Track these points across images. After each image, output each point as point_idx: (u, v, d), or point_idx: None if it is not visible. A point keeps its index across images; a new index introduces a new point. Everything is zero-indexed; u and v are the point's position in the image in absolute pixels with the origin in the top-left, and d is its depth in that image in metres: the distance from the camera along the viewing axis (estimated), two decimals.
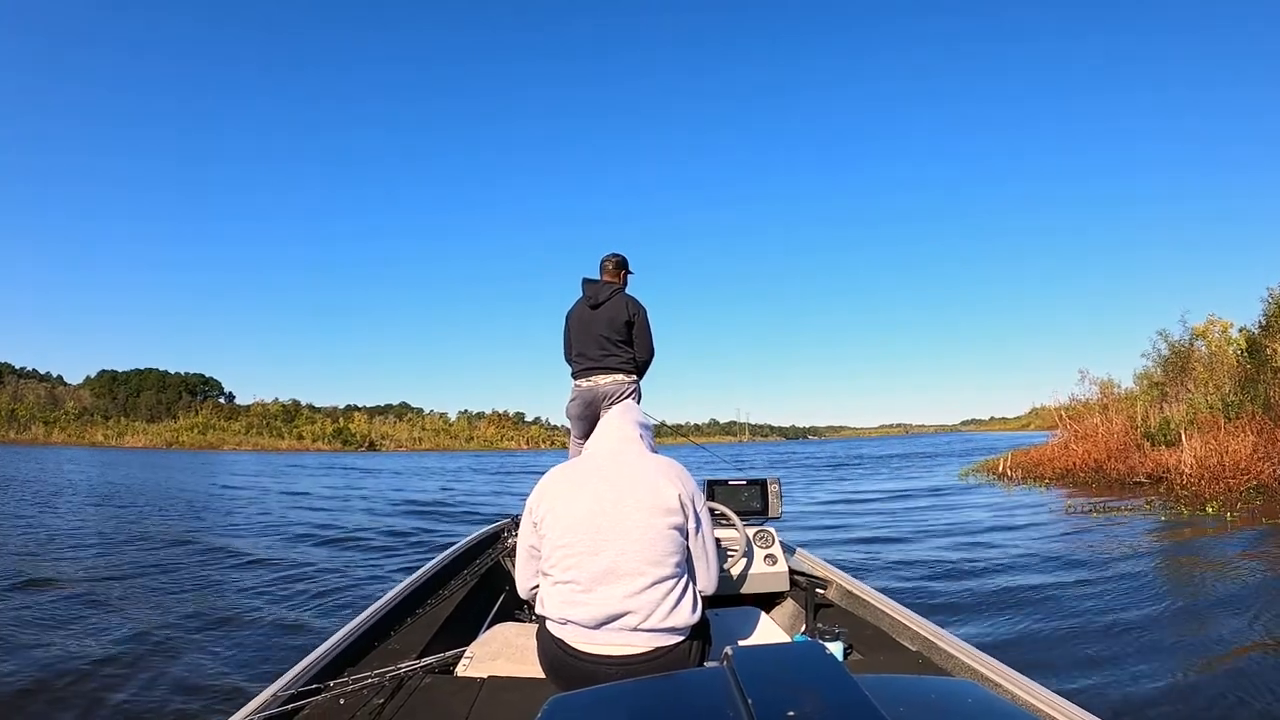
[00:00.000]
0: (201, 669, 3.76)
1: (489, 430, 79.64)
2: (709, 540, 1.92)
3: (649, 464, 1.89)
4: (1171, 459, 11.00)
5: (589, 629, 1.75)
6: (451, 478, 22.97)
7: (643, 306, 3.94)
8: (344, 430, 66.88)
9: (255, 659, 3.93)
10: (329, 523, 10.00)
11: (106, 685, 3.49)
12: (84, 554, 7.09)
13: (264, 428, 66.21)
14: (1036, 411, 64.16)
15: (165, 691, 3.46)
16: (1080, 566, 5.93)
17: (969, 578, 5.70)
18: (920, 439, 72.93)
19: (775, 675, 0.83)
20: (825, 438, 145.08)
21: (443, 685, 1.96)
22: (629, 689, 0.92)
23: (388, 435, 70.57)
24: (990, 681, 1.87)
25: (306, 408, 76.44)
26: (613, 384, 3.85)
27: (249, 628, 4.54)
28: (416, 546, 7.87)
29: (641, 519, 1.77)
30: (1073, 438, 15.28)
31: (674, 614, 1.76)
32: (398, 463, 35.83)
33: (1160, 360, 14.79)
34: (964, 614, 4.65)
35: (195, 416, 67.85)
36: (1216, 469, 10.08)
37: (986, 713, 0.85)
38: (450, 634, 2.52)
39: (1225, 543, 6.72)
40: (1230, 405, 12.14)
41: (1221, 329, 16.58)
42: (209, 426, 64.91)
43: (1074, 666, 3.62)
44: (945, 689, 1.00)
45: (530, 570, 1.96)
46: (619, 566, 1.74)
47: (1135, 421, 14.25)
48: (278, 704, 1.76)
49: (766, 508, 3.18)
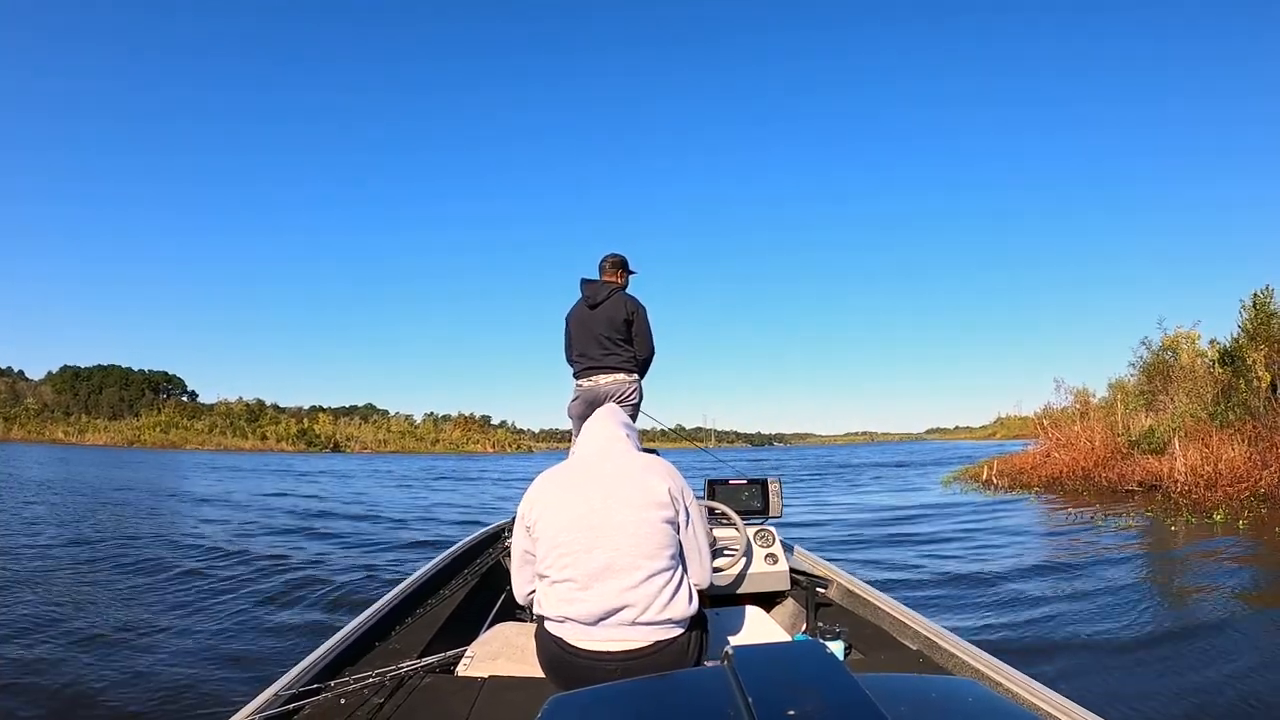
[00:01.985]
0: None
1: (455, 433, 78.64)
2: (700, 533, 1.93)
3: (636, 461, 1.91)
4: (1164, 467, 10.75)
5: (588, 626, 1.75)
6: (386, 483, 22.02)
7: (642, 305, 3.89)
8: (308, 431, 65.34)
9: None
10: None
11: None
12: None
13: (227, 427, 64.50)
14: (1002, 421, 66.07)
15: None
16: (1126, 588, 5.49)
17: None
18: (886, 446, 73.78)
19: (776, 674, 0.83)
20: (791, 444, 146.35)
21: (443, 685, 1.96)
22: (629, 688, 0.92)
23: (353, 437, 68.94)
24: (991, 680, 1.85)
25: (271, 407, 74.58)
26: (614, 383, 3.80)
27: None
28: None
29: (633, 514, 1.78)
30: (1054, 446, 15.35)
31: (671, 605, 1.77)
32: (351, 465, 34.67)
33: (1145, 367, 14.87)
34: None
35: (157, 415, 66.04)
36: (1211, 476, 9.85)
37: (988, 712, 0.84)
38: (450, 634, 2.51)
39: (1244, 549, 6.42)
40: (1215, 414, 12.25)
41: (1190, 340, 17.00)
42: (171, 425, 63.10)
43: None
44: (946, 688, 0.99)
45: (526, 575, 1.95)
46: (614, 562, 1.75)
47: (1116, 429, 14.41)
48: (279, 704, 1.74)
49: (767, 507, 3.16)
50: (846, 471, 24.72)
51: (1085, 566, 6.08)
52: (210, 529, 9.28)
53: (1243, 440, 10.41)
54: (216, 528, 9.45)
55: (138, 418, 65.00)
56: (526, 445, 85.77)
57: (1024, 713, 0.87)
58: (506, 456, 59.00)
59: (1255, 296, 14.85)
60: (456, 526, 9.66)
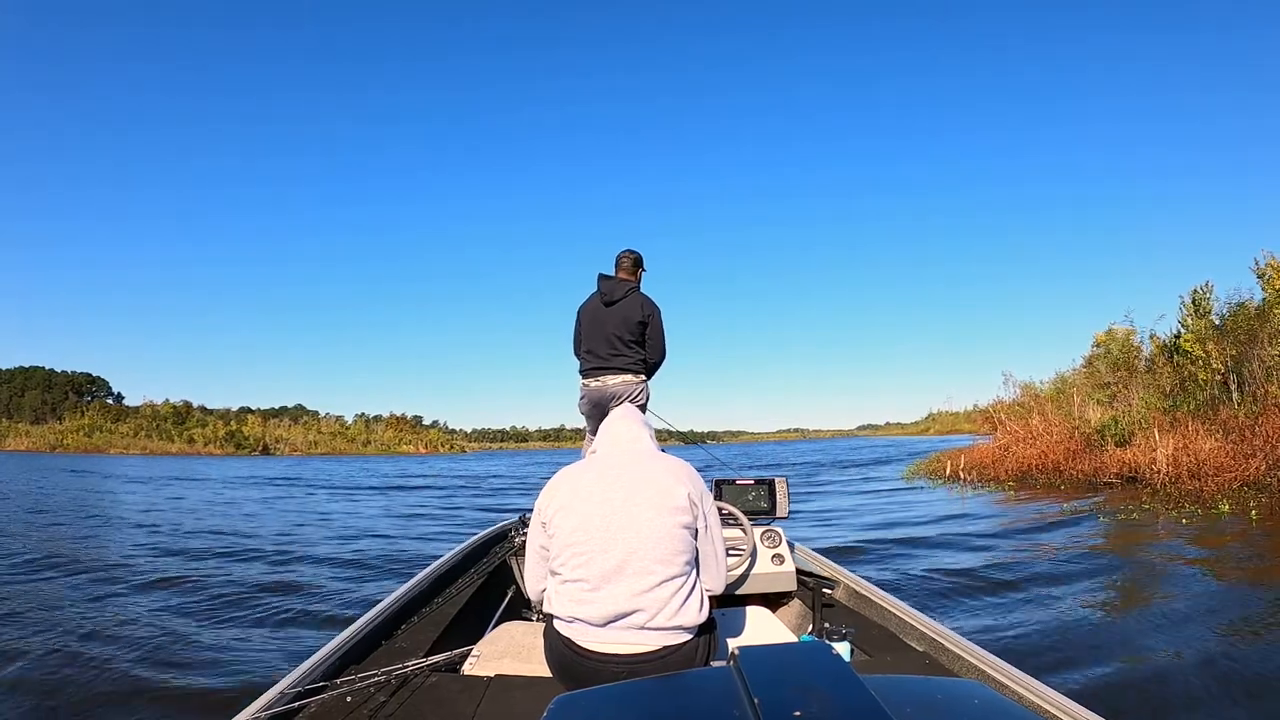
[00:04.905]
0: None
1: (387, 434, 77.21)
2: (717, 539, 1.88)
3: (658, 464, 1.85)
4: (1143, 458, 10.48)
5: (597, 627, 1.69)
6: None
7: (657, 307, 3.85)
8: (237, 433, 62.85)
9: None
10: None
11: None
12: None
13: (153, 430, 61.71)
14: (934, 416, 68.18)
15: None
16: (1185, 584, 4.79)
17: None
18: (819, 443, 74.79)
19: (782, 675, 0.82)
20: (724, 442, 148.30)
21: (449, 684, 1.92)
22: (636, 688, 0.91)
23: (282, 439, 66.44)
24: (997, 683, 1.81)
25: (198, 409, 71.75)
26: (621, 384, 3.76)
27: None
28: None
29: (651, 517, 1.72)
30: (1014, 439, 15.31)
31: (682, 612, 1.71)
32: (274, 469, 32.22)
33: (1112, 361, 14.96)
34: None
35: (81, 418, 62.77)
36: (1194, 467, 9.53)
37: (994, 714, 0.83)
38: (457, 633, 2.48)
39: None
40: (1175, 405, 12.30)
41: (1125, 335, 17.38)
42: (95, 429, 59.97)
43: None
44: (952, 690, 0.97)
45: (540, 571, 1.88)
46: (628, 565, 1.68)
47: (1075, 422, 14.42)
48: (284, 701, 1.70)
49: (774, 507, 3.09)
50: (802, 469, 24.31)
51: (1151, 572, 5.42)
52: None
53: (1218, 429, 10.35)
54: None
55: (61, 421, 62.17)
56: (460, 446, 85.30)
57: (1031, 715, 0.84)
58: (439, 457, 57.81)
59: (1195, 293, 15.35)
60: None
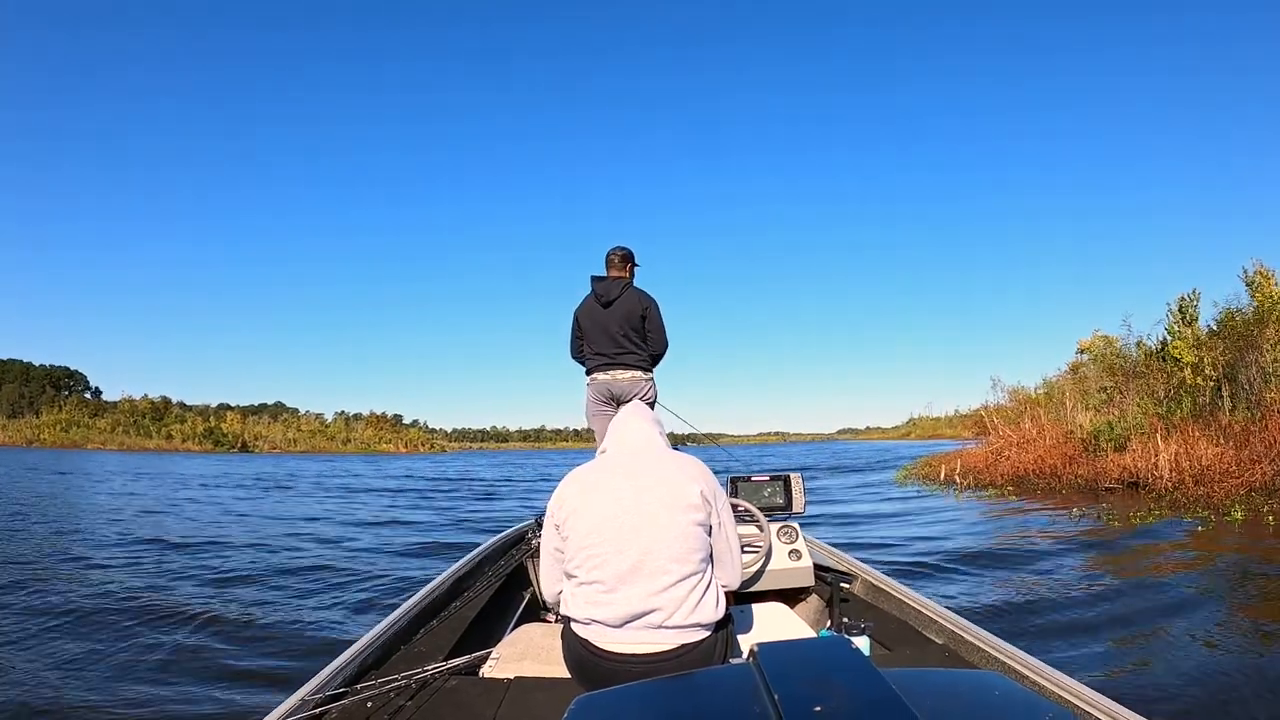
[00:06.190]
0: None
1: (367, 432, 76.17)
2: (731, 535, 1.86)
3: (670, 462, 1.84)
4: (1145, 463, 10.31)
5: (614, 628, 1.68)
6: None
7: (654, 300, 3.84)
8: (215, 430, 61.29)
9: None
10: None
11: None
12: None
13: (131, 426, 60.35)
14: (915, 422, 68.69)
15: None
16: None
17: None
18: (800, 446, 74.81)
19: (802, 670, 0.82)
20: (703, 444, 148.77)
21: (469, 687, 1.91)
22: (656, 687, 0.90)
23: (262, 436, 64.76)
24: (1018, 674, 1.78)
25: (177, 405, 69.78)
26: (630, 380, 3.78)
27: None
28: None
29: (665, 516, 1.71)
30: (1008, 443, 15.26)
31: (699, 610, 1.70)
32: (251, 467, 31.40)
33: (1106, 364, 14.95)
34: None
35: (58, 413, 61.25)
36: (1198, 472, 9.38)
37: (1015, 705, 0.82)
38: (476, 636, 2.47)
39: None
40: (1169, 410, 12.28)
41: (1107, 342, 17.45)
42: (72, 424, 58.83)
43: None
44: (972, 681, 0.97)
45: (555, 574, 1.87)
46: (644, 564, 1.67)
47: (1068, 426, 14.38)
48: (306, 709, 1.70)
49: (790, 503, 3.06)
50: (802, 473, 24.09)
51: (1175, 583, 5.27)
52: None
53: (1219, 434, 10.28)
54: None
55: (38, 415, 60.80)
56: (440, 445, 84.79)
57: (1052, 705, 0.82)
58: (419, 457, 57.05)
59: (1181, 300, 15.45)
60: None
